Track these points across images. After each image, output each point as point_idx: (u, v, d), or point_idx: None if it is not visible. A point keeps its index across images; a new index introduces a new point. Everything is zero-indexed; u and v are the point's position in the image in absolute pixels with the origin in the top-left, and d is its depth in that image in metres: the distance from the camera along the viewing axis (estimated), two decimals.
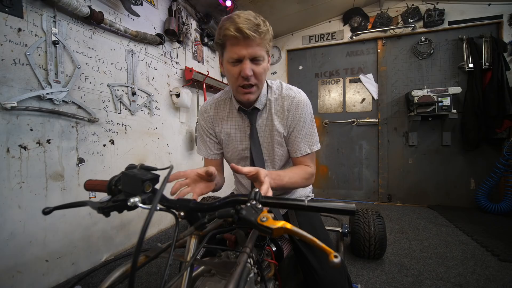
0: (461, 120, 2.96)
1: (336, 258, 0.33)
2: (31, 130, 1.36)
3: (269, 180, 0.69)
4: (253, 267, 0.58)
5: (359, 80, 3.47)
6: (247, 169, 0.69)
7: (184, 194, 0.70)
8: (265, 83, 0.99)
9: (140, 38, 2.03)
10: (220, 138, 1.04)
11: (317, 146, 0.98)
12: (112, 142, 1.83)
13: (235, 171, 0.69)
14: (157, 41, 2.20)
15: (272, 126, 0.96)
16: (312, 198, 1.11)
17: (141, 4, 1.97)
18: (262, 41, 0.80)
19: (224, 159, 1.11)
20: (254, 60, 0.81)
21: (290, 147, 0.97)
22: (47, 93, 1.41)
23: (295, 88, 0.99)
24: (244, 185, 1.08)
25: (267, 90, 0.98)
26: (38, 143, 1.40)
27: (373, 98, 3.41)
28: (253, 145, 0.96)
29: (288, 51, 3.79)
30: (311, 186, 1.08)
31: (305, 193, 1.10)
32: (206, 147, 1.06)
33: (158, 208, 0.48)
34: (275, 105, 0.96)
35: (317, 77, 3.68)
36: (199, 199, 0.63)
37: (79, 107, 1.60)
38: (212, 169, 0.73)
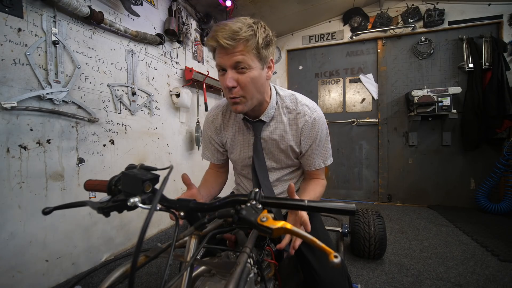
0: (461, 120, 2.96)
1: (336, 258, 0.33)
2: (31, 130, 1.36)
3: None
4: (253, 267, 0.58)
5: (359, 80, 3.47)
6: None
7: None
8: (274, 92, 0.93)
9: (140, 38, 2.03)
10: (226, 143, 1.04)
11: (330, 160, 0.98)
12: (112, 142, 1.83)
13: None
14: (157, 41, 2.19)
15: (282, 139, 0.93)
16: None
17: (141, 4, 1.97)
18: (246, 47, 0.73)
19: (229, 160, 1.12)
20: (238, 68, 0.75)
21: (304, 161, 0.97)
22: (47, 93, 1.41)
23: (311, 104, 0.93)
24: (244, 187, 1.09)
25: (277, 101, 0.93)
26: (38, 143, 1.40)
27: (373, 98, 3.41)
28: (256, 157, 0.95)
29: (288, 51, 3.79)
30: None
31: None
32: (211, 154, 1.08)
33: (158, 208, 0.48)
34: (288, 119, 0.92)
35: (317, 77, 3.68)
36: None
37: (79, 107, 1.60)
38: (186, 177, 0.76)
